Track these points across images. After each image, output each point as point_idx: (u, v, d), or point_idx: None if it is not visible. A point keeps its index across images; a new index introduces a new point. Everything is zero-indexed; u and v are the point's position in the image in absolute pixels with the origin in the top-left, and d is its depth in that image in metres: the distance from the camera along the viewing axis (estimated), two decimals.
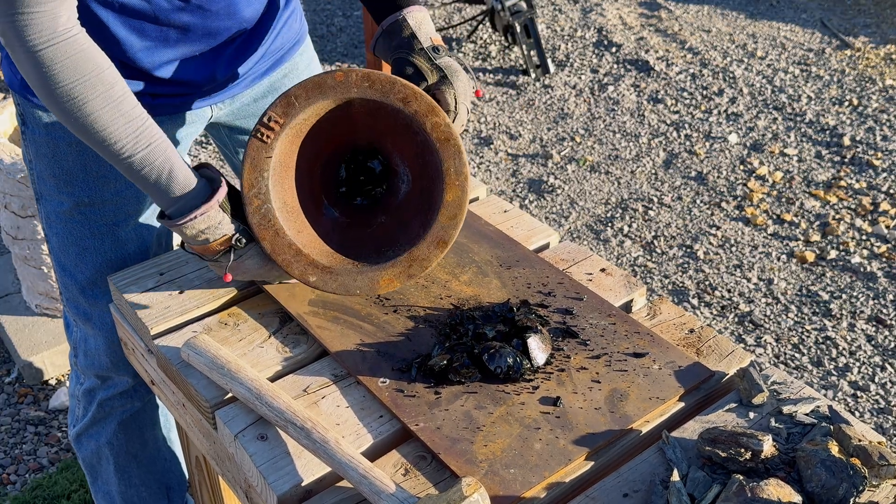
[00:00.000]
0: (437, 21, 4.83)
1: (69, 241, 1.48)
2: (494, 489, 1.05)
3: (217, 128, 1.60)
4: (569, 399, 1.17)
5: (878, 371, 2.58)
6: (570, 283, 1.38)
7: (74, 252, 1.48)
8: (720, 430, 1.07)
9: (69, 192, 1.43)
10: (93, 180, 1.42)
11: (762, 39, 4.57)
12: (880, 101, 3.97)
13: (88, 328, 1.56)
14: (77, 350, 1.62)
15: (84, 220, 1.45)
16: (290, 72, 1.58)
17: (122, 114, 1.16)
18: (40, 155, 1.42)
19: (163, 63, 1.36)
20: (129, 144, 1.17)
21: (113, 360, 1.58)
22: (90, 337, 1.58)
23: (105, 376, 1.62)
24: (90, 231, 1.46)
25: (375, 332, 1.28)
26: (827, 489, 0.99)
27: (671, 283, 2.96)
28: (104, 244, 1.48)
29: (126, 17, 1.28)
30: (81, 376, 1.66)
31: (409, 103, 1.22)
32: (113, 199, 1.45)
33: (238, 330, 1.30)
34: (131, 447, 1.71)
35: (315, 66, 1.65)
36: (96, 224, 1.46)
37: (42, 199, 1.47)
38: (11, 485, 2.29)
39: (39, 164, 1.43)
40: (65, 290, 1.55)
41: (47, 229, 1.50)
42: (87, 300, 1.53)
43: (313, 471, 1.09)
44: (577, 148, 3.72)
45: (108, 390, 1.63)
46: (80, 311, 1.55)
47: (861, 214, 3.25)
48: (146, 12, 1.28)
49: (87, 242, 1.47)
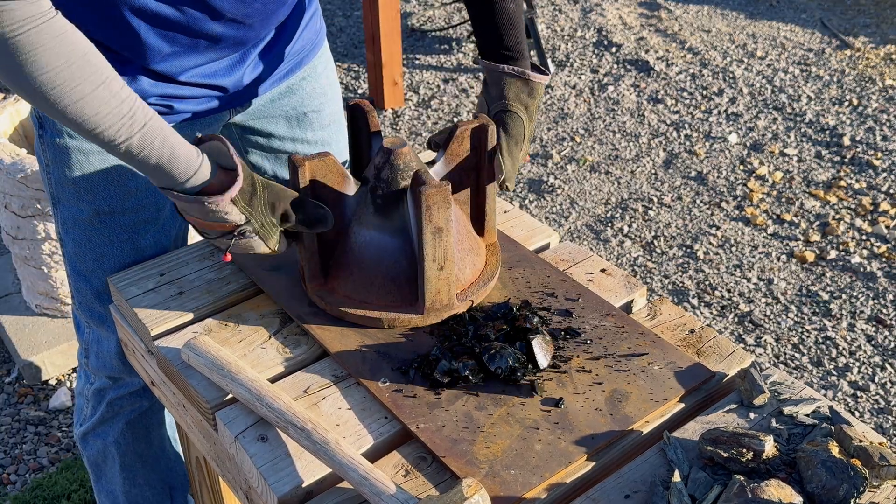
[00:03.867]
0: (437, 21, 4.83)
1: (86, 248, 1.46)
2: (495, 490, 1.05)
3: (229, 128, 1.58)
4: (569, 400, 1.17)
5: (878, 371, 2.58)
6: (571, 283, 1.38)
7: (91, 258, 1.47)
8: (721, 431, 1.07)
9: (89, 199, 1.41)
10: (114, 189, 1.41)
11: (762, 39, 4.57)
12: (880, 101, 3.97)
13: (102, 331, 1.55)
14: (89, 351, 1.61)
15: (103, 227, 1.44)
16: (309, 74, 1.57)
17: (112, 95, 1.07)
18: (59, 161, 1.39)
19: (189, 68, 1.34)
20: (125, 127, 1.08)
21: (124, 363, 1.57)
22: (104, 339, 1.57)
23: (116, 377, 1.61)
24: (108, 238, 1.45)
25: (375, 332, 1.28)
26: (827, 490, 0.99)
27: (671, 284, 2.96)
28: (122, 251, 1.46)
29: (158, 26, 1.25)
30: (92, 376, 1.66)
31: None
32: (133, 208, 1.43)
33: (238, 331, 1.30)
34: (137, 446, 1.70)
35: (331, 69, 1.65)
36: (115, 231, 1.44)
37: (59, 204, 1.45)
38: (11, 485, 2.29)
39: (58, 170, 1.41)
40: (77, 294, 1.54)
41: (63, 234, 1.48)
42: (102, 305, 1.52)
43: (314, 472, 1.09)
44: (577, 148, 3.72)
45: (119, 390, 1.63)
46: (94, 314, 1.54)
47: (861, 214, 3.25)
48: (180, 22, 1.25)
49: (105, 249, 1.46)
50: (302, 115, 1.59)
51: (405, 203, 1.27)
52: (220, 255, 1.28)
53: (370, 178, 1.28)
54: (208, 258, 1.46)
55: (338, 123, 1.67)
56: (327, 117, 1.63)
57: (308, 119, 1.60)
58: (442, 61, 4.42)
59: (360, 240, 1.29)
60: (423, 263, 1.23)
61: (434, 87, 4.20)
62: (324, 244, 1.31)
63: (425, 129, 3.88)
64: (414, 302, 1.29)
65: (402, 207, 1.27)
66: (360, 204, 1.30)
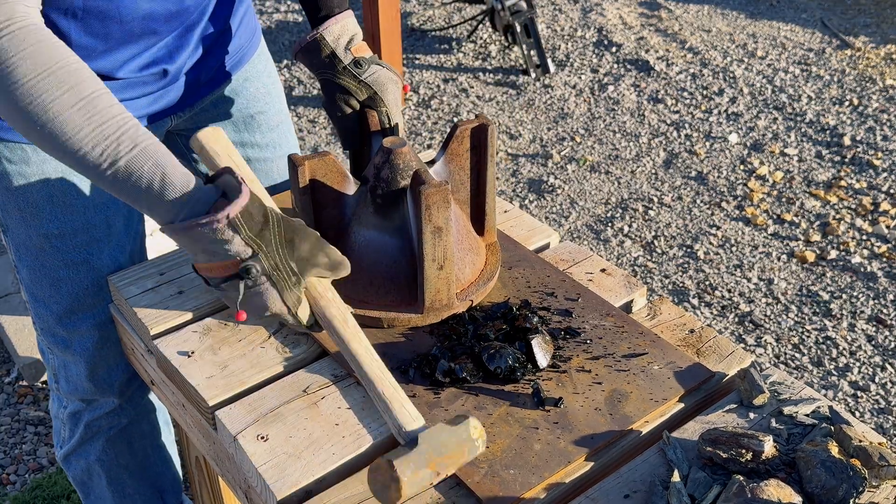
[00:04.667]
0: (437, 21, 4.82)
1: (41, 274, 1.40)
2: (494, 490, 1.05)
3: (172, 137, 1.52)
4: (569, 399, 1.17)
5: (879, 371, 2.58)
6: (571, 283, 1.38)
7: (47, 283, 1.41)
8: (721, 431, 1.07)
9: (36, 224, 1.35)
10: (60, 211, 1.34)
11: (762, 39, 4.57)
12: (880, 100, 3.97)
13: (68, 356, 1.50)
14: (58, 376, 1.56)
15: (55, 251, 1.38)
16: (251, 75, 1.55)
17: (97, 112, 0.97)
18: (2, 187, 1.33)
19: (126, 61, 1.27)
20: (111, 149, 0.98)
21: (96, 384, 1.52)
22: (70, 364, 1.51)
23: (89, 399, 1.57)
24: (62, 262, 1.39)
25: (374, 332, 1.28)
26: (827, 490, 0.99)
27: (671, 283, 2.96)
28: (79, 273, 1.40)
29: (89, 21, 1.18)
30: (64, 400, 1.61)
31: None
32: (83, 228, 1.37)
33: (238, 330, 1.30)
34: (121, 459, 1.67)
35: (272, 68, 1.62)
36: (68, 254, 1.39)
37: (8, 231, 1.39)
38: (11, 485, 2.29)
39: (2, 197, 1.34)
40: (38, 321, 1.48)
41: (17, 261, 1.42)
42: (64, 329, 1.46)
43: (313, 471, 1.09)
44: (577, 148, 3.72)
45: (95, 412, 1.59)
46: (58, 340, 1.48)
47: (861, 214, 3.25)
48: (108, 10, 1.18)
49: (60, 273, 1.40)
50: (249, 118, 1.56)
51: (405, 203, 1.27)
52: (234, 315, 1.13)
53: (370, 177, 1.28)
54: None
55: (285, 123, 1.64)
56: (274, 118, 1.60)
57: (255, 121, 1.57)
58: (442, 61, 4.42)
59: (359, 239, 1.29)
60: (422, 263, 1.23)
61: (434, 86, 4.20)
62: None
63: (425, 129, 3.88)
64: (413, 302, 1.29)
65: (401, 207, 1.27)
66: (359, 203, 1.30)
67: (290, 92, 4.20)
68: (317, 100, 4.09)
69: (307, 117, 3.99)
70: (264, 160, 1.61)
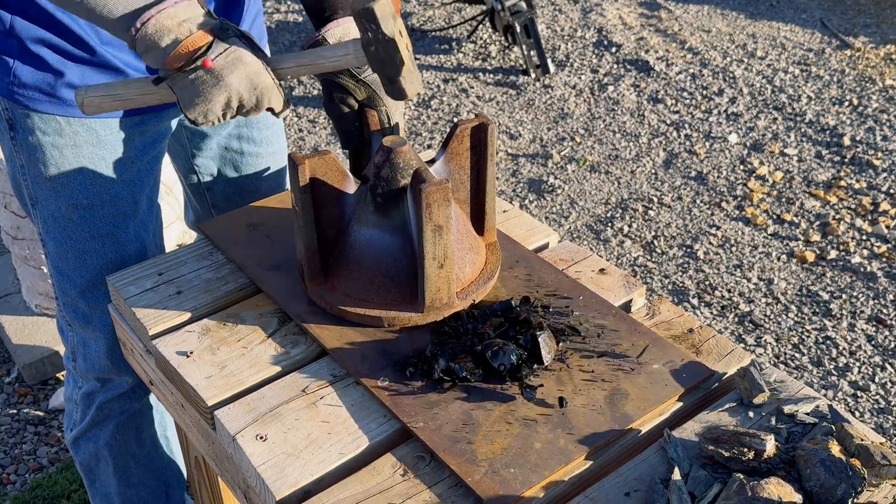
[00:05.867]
0: (437, 21, 4.83)
1: (67, 246, 1.47)
2: (494, 488, 1.05)
3: (178, 129, 1.58)
4: (569, 398, 1.17)
5: (879, 371, 2.58)
6: (570, 282, 1.37)
7: (73, 256, 1.48)
8: (723, 430, 1.07)
9: (66, 194, 1.42)
10: (89, 182, 1.42)
11: (762, 39, 4.57)
12: (880, 101, 3.97)
13: (88, 332, 1.56)
14: (76, 354, 1.62)
15: (83, 222, 1.45)
16: None
17: None
18: (33, 160, 1.40)
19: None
20: None
21: (114, 362, 1.57)
22: (90, 340, 1.57)
23: (105, 378, 1.61)
24: (89, 233, 1.46)
25: (374, 331, 1.28)
26: (826, 489, 0.99)
27: (671, 283, 2.96)
28: (104, 246, 1.47)
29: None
30: (80, 380, 1.66)
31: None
32: (111, 200, 1.44)
33: (236, 330, 1.30)
34: (129, 447, 1.70)
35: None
36: (95, 226, 1.45)
37: (38, 204, 1.46)
38: (11, 485, 2.29)
39: (33, 169, 1.42)
40: (62, 295, 1.54)
41: (44, 234, 1.49)
42: (87, 304, 1.52)
43: (312, 472, 1.09)
44: (577, 148, 3.72)
45: (108, 392, 1.63)
46: (80, 315, 1.54)
47: (861, 214, 3.25)
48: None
49: (86, 245, 1.47)
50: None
51: (405, 201, 1.27)
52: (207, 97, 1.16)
53: (370, 176, 1.28)
54: (207, 257, 1.46)
55: (279, 125, 1.70)
56: (271, 117, 1.65)
57: (255, 118, 1.62)
58: (442, 61, 4.42)
59: (360, 238, 1.29)
60: (423, 262, 1.23)
61: (434, 87, 4.20)
62: (324, 242, 1.31)
63: (425, 128, 3.88)
64: (414, 300, 1.29)
65: (402, 206, 1.27)
66: (359, 202, 1.30)
67: (291, 92, 4.20)
68: (317, 100, 4.09)
69: (307, 117, 3.99)
70: (256, 155, 1.67)
